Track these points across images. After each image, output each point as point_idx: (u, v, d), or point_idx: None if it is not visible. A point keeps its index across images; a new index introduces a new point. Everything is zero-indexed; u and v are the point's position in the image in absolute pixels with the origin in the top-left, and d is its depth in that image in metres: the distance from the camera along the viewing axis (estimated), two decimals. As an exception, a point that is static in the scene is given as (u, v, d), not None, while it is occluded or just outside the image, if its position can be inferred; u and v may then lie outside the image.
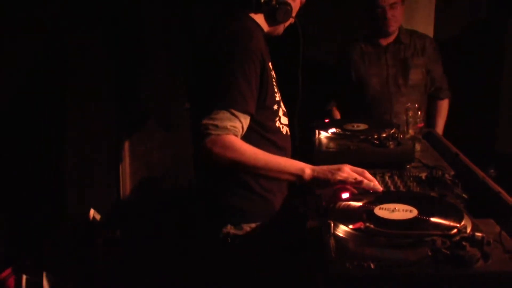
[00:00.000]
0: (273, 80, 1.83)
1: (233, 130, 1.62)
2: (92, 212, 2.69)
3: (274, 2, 1.79)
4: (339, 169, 1.65)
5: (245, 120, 1.67)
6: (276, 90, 1.83)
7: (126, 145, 3.39)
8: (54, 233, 2.58)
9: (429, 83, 3.07)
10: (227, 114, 1.61)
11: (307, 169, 1.65)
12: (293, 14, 1.86)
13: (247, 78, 1.66)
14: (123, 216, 2.93)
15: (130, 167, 3.37)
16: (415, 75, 2.99)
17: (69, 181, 2.72)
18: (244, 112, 1.65)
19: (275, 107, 1.81)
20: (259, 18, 1.83)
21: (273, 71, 1.87)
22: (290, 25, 1.92)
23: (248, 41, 1.69)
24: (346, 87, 3.13)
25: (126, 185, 3.36)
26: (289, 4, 1.82)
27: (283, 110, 1.89)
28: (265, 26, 1.85)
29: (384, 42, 3.02)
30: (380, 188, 1.63)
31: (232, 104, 1.62)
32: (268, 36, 1.89)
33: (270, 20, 1.84)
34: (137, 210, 3.07)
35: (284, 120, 1.89)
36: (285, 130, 1.88)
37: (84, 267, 2.52)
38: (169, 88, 3.19)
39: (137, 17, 3.28)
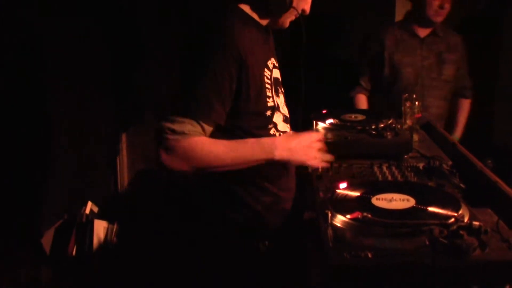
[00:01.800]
0: (267, 83, 1.66)
1: (192, 135, 1.49)
2: (89, 204, 2.68)
3: None
4: (309, 148, 1.61)
5: (209, 129, 1.54)
6: (270, 94, 1.66)
7: (123, 137, 3.39)
8: (52, 227, 2.58)
9: (455, 80, 3.00)
10: (190, 120, 1.49)
11: (277, 152, 1.56)
12: (300, 6, 1.67)
13: (217, 83, 1.51)
14: (121, 209, 2.93)
15: (127, 159, 3.38)
16: (449, 70, 2.94)
17: (67, 174, 2.71)
18: (208, 122, 1.51)
19: (268, 113, 1.65)
20: (253, 10, 1.66)
21: (276, 73, 1.73)
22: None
23: (225, 43, 1.52)
24: (378, 74, 3.02)
25: (123, 177, 3.37)
26: None
27: (283, 115, 1.73)
28: (261, 19, 1.68)
29: (421, 32, 2.94)
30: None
31: (195, 114, 1.49)
32: (271, 29, 1.75)
33: (264, 12, 1.66)
34: (135, 202, 3.07)
35: (283, 127, 1.72)
36: None
37: (81, 261, 2.52)
38: (166, 80, 3.18)
39: (134, 10, 3.27)
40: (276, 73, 1.74)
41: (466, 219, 1.26)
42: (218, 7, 1.66)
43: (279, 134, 1.69)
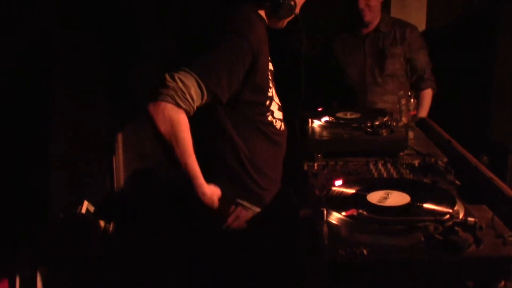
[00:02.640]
0: (269, 75, 1.79)
1: (192, 107, 1.57)
2: (85, 203, 2.68)
3: None
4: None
5: (204, 100, 1.60)
6: (270, 85, 1.80)
7: (119, 136, 3.39)
8: (48, 227, 2.57)
9: (410, 72, 3.01)
10: (195, 84, 1.56)
11: (205, 197, 1.66)
12: (297, 10, 1.83)
13: (231, 64, 1.61)
14: (117, 208, 2.93)
15: (123, 159, 3.37)
16: (391, 65, 2.95)
17: (62, 174, 2.70)
18: (210, 90, 1.59)
19: (267, 102, 1.78)
20: (262, 12, 1.80)
21: (270, 66, 1.84)
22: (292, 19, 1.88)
23: (246, 31, 1.65)
24: (328, 77, 3.12)
25: (119, 176, 3.36)
26: (293, 0, 1.78)
27: (277, 104, 1.86)
28: (267, 20, 1.82)
29: (363, 31, 3.00)
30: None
31: (205, 78, 1.57)
32: (268, 29, 1.85)
33: (273, 15, 1.81)
34: (131, 201, 3.07)
35: (278, 114, 1.86)
36: (279, 124, 1.85)
37: (78, 261, 2.51)
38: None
39: (132, 9, 3.26)
40: (271, 66, 1.86)
41: (461, 216, 1.27)
42: (220, 7, 1.77)
43: (275, 121, 1.82)
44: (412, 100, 2.36)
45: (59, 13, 2.62)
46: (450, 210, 1.28)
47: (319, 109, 2.37)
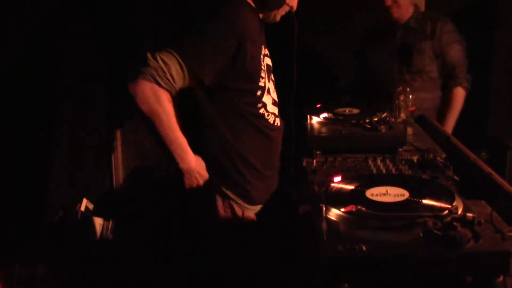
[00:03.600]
0: (262, 65, 1.79)
1: (174, 86, 1.59)
2: (84, 201, 2.67)
3: None
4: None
5: (187, 81, 1.64)
6: (263, 75, 1.79)
7: (118, 134, 3.38)
8: (47, 224, 2.57)
9: (441, 69, 2.89)
10: (176, 63, 1.59)
11: (184, 165, 1.68)
12: (290, 3, 1.83)
13: (214, 46, 1.63)
14: (116, 205, 2.92)
15: (122, 156, 3.37)
16: (419, 61, 2.85)
17: (61, 171, 2.70)
18: (192, 72, 1.62)
19: (258, 92, 1.78)
20: (253, 1, 1.81)
21: (268, 60, 1.84)
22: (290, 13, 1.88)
23: (232, 15, 1.68)
24: (356, 73, 3.11)
25: (118, 174, 3.35)
26: None
27: (272, 98, 1.86)
28: (258, 10, 1.83)
29: (394, 27, 2.93)
30: None
31: (186, 58, 1.60)
32: (263, 22, 1.87)
33: (262, 6, 1.81)
34: (130, 199, 3.07)
35: (273, 108, 1.86)
36: (272, 118, 1.85)
37: (77, 259, 2.51)
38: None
39: (129, 8, 3.25)
40: (269, 61, 1.87)
41: (460, 211, 1.27)
42: None
43: (268, 114, 1.82)
44: (410, 96, 2.36)
45: (58, 13, 2.62)
46: (449, 206, 1.28)
47: (318, 106, 2.37)
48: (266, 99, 1.82)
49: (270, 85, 1.86)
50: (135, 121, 3.33)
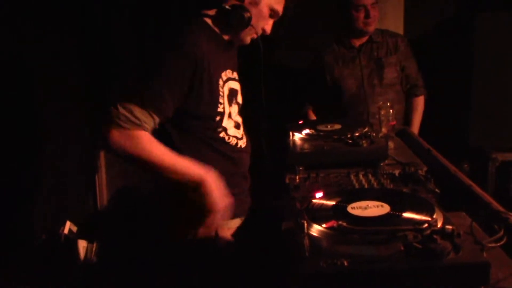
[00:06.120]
0: (220, 91, 1.77)
1: (143, 126, 1.58)
2: (68, 224, 2.65)
3: (228, 8, 1.73)
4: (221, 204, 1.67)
5: (157, 120, 1.63)
6: (222, 101, 1.77)
7: (102, 154, 3.37)
8: (30, 248, 2.54)
9: (404, 80, 3.08)
10: (138, 108, 1.57)
11: (199, 170, 1.65)
12: (256, 24, 1.77)
13: (170, 78, 1.62)
14: (101, 227, 2.90)
15: (106, 177, 3.35)
16: (390, 74, 2.99)
17: (44, 194, 2.68)
18: (158, 114, 1.62)
19: (217, 118, 1.76)
20: (215, 25, 1.78)
21: (234, 84, 1.82)
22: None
23: (183, 43, 1.65)
24: (321, 91, 3.13)
25: (103, 195, 3.33)
26: (245, 10, 1.73)
27: (235, 122, 1.85)
28: (223, 33, 1.80)
29: (357, 42, 3.02)
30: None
31: (148, 105, 1.59)
32: (233, 45, 1.86)
33: (225, 27, 1.78)
34: (115, 220, 3.04)
35: (234, 132, 1.84)
36: (234, 141, 1.85)
37: (61, 282, 2.48)
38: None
39: (108, 24, 3.26)
40: (234, 85, 1.85)
41: (439, 224, 1.28)
42: (184, 18, 1.79)
43: (229, 138, 1.83)
44: (391, 110, 2.38)
45: (35, 22, 2.62)
46: (429, 219, 1.29)
47: (300, 122, 2.39)
48: (227, 123, 1.81)
49: (233, 109, 1.84)
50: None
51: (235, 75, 1.89)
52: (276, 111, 2.05)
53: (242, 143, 1.89)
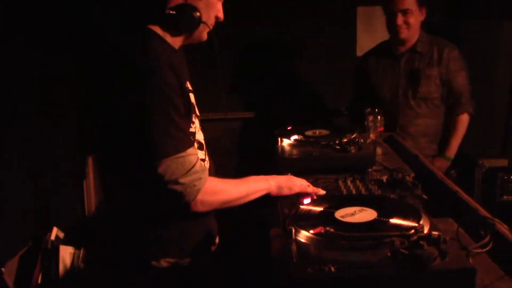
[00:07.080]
0: (192, 107, 1.61)
1: (204, 177, 1.52)
2: (55, 230, 2.62)
3: (172, 12, 1.53)
4: (290, 181, 1.75)
5: (196, 146, 1.59)
6: (194, 120, 1.62)
7: (90, 160, 3.35)
8: (17, 254, 2.51)
9: (445, 95, 2.89)
10: (180, 160, 1.46)
11: (272, 183, 1.72)
12: (207, 19, 1.60)
13: (173, 119, 1.47)
14: (88, 233, 2.88)
15: (94, 183, 3.33)
16: (426, 87, 2.83)
17: (31, 199, 2.65)
18: (191, 143, 1.54)
19: (191, 138, 1.60)
20: (165, 31, 1.58)
21: (191, 94, 1.64)
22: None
23: (155, 62, 1.46)
24: (362, 95, 3.08)
25: (90, 201, 3.31)
26: (192, 9, 1.54)
27: (198, 143, 1.67)
28: (174, 37, 1.61)
29: (398, 50, 2.91)
30: (321, 191, 1.78)
31: (181, 147, 1.47)
32: (189, 44, 1.69)
33: (176, 31, 1.59)
34: (102, 227, 3.02)
35: (201, 154, 1.65)
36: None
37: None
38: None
39: (97, 26, 3.25)
40: (192, 98, 1.65)
41: (426, 230, 1.28)
42: (128, 29, 1.61)
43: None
44: (379, 116, 2.40)
45: (27, 28, 2.61)
46: (416, 225, 1.30)
47: (288, 128, 2.39)
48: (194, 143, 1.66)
49: (196, 126, 1.66)
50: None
51: (190, 85, 1.68)
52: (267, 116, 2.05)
53: (206, 164, 1.72)
